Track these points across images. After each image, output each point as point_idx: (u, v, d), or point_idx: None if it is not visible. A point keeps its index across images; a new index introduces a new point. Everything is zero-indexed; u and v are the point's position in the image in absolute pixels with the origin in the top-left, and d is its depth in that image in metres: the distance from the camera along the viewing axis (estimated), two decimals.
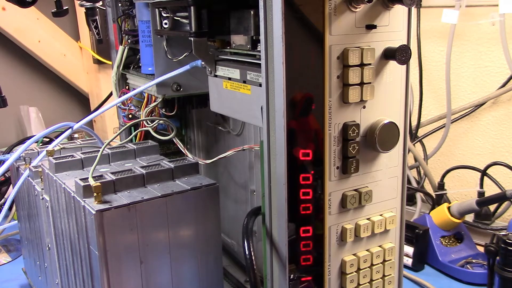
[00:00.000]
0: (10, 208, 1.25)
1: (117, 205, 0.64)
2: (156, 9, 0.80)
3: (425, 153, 1.36)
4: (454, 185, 1.34)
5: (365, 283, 0.61)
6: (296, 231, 0.56)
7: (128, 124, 0.95)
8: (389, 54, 0.56)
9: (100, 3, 1.09)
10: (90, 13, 1.13)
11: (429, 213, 1.11)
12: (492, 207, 1.17)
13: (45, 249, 0.86)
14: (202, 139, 1.03)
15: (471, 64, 1.28)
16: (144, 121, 0.90)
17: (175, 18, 0.77)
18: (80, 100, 1.90)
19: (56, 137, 0.91)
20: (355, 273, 0.60)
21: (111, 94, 1.12)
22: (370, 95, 0.56)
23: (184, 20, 0.74)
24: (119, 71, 1.01)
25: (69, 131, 0.85)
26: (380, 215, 0.61)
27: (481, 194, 1.14)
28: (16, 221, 1.05)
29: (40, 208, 0.84)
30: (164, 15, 0.78)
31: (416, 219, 1.17)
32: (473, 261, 1.04)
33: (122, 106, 1.01)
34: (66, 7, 1.07)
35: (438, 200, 1.21)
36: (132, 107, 0.99)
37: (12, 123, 1.76)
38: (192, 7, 0.68)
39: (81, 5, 1.12)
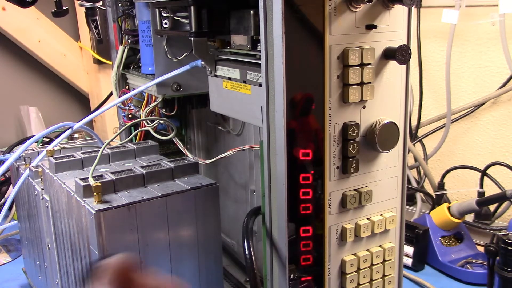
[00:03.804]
0: (10, 208, 1.25)
1: (117, 205, 0.64)
2: (156, 9, 0.80)
3: (425, 153, 1.36)
4: (454, 185, 1.34)
5: (365, 283, 0.61)
6: (296, 231, 0.56)
7: (128, 124, 0.96)
8: (389, 54, 0.56)
9: (100, 3, 1.09)
10: (90, 13, 1.13)
11: (429, 213, 1.11)
12: (492, 207, 1.17)
13: (45, 249, 0.86)
14: (202, 139, 1.03)
15: (471, 64, 1.28)
16: (144, 121, 0.90)
17: (175, 18, 0.77)
18: (80, 100, 1.90)
19: (56, 137, 0.91)
20: (355, 273, 0.60)
21: (111, 94, 1.12)
22: (370, 95, 0.56)
23: (184, 20, 0.74)
24: (119, 71, 1.01)
25: (69, 131, 0.85)
26: (380, 215, 0.61)
27: (481, 194, 1.14)
28: (16, 221, 1.05)
29: (40, 208, 0.84)
30: (164, 15, 0.78)
31: (416, 219, 1.17)
32: (473, 261, 1.04)
33: (122, 106, 1.01)
34: (66, 7, 1.07)
35: (438, 200, 1.21)
36: (132, 107, 0.99)
37: (12, 123, 1.76)
38: (192, 7, 0.68)
39: (81, 5, 1.12)
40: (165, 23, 0.78)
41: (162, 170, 0.74)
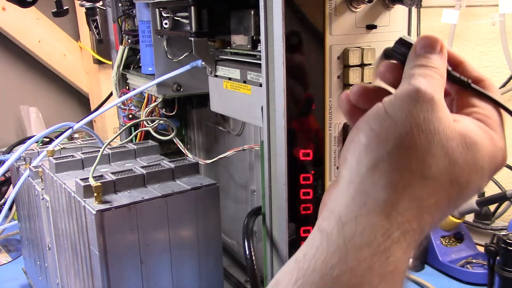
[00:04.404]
0: (10, 208, 1.25)
1: (118, 205, 0.64)
2: (156, 9, 0.80)
3: None
4: None
5: None
6: (296, 231, 0.56)
7: (128, 124, 0.95)
8: (390, 54, 0.56)
9: (100, 3, 1.09)
10: (90, 13, 1.13)
11: None
12: (492, 207, 1.17)
13: (45, 249, 0.86)
14: (202, 139, 1.03)
15: (471, 64, 1.28)
16: (144, 121, 0.90)
17: (175, 18, 0.77)
18: (80, 100, 1.90)
19: (56, 137, 0.91)
20: None
21: (111, 94, 1.12)
22: None
23: (184, 20, 0.74)
24: (119, 71, 1.01)
25: (69, 131, 0.85)
26: None
27: (481, 194, 1.14)
28: (16, 221, 1.05)
29: (40, 208, 0.84)
30: (164, 15, 0.78)
31: None
32: (473, 261, 1.04)
33: (122, 106, 1.01)
34: (66, 7, 1.07)
35: None
36: (132, 107, 0.99)
37: (12, 123, 1.76)
38: (192, 7, 0.68)
39: (81, 5, 1.12)
40: (165, 23, 0.78)
41: (163, 170, 0.74)
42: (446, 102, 0.33)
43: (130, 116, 1.00)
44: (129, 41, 0.97)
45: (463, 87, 0.36)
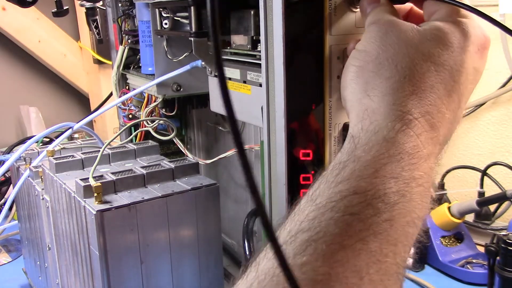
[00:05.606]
0: (10, 208, 1.25)
1: (118, 205, 0.64)
2: (156, 9, 0.80)
3: None
4: (454, 185, 1.34)
5: None
6: None
7: (128, 124, 0.96)
8: None
9: (101, 3, 1.09)
10: (90, 13, 1.13)
11: (429, 213, 1.11)
12: (492, 207, 1.17)
13: (45, 249, 0.86)
14: (202, 139, 1.03)
15: None
16: (144, 121, 0.90)
17: (175, 18, 0.77)
18: (80, 100, 1.90)
19: (56, 137, 0.91)
20: None
21: (111, 94, 1.12)
22: None
23: (184, 20, 0.74)
24: (119, 71, 1.01)
25: (69, 131, 0.85)
26: None
27: (481, 194, 1.14)
28: (16, 221, 1.05)
29: (40, 208, 0.84)
30: (164, 15, 0.78)
31: None
32: (473, 261, 1.04)
33: (122, 106, 1.01)
34: (66, 7, 1.07)
35: (438, 200, 1.21)
36: (132, 107, 0.99)
37: (12, 123, 1.76)
38: (192, 7, 0.68)
39: (81, 5, 1.12)
40: (165, 23, 0.78)
41: (163, 170, 0.74)
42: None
43: (130, 116, 1.00)
44: (129, 41, 0.97)
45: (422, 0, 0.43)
